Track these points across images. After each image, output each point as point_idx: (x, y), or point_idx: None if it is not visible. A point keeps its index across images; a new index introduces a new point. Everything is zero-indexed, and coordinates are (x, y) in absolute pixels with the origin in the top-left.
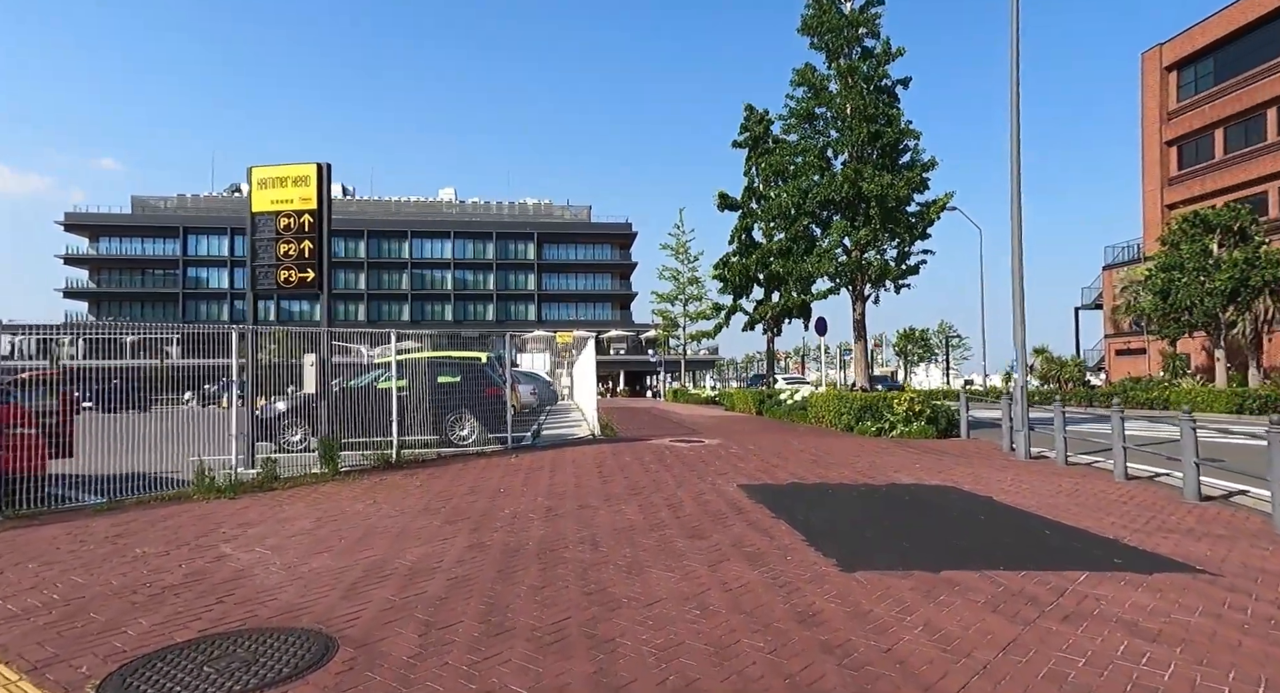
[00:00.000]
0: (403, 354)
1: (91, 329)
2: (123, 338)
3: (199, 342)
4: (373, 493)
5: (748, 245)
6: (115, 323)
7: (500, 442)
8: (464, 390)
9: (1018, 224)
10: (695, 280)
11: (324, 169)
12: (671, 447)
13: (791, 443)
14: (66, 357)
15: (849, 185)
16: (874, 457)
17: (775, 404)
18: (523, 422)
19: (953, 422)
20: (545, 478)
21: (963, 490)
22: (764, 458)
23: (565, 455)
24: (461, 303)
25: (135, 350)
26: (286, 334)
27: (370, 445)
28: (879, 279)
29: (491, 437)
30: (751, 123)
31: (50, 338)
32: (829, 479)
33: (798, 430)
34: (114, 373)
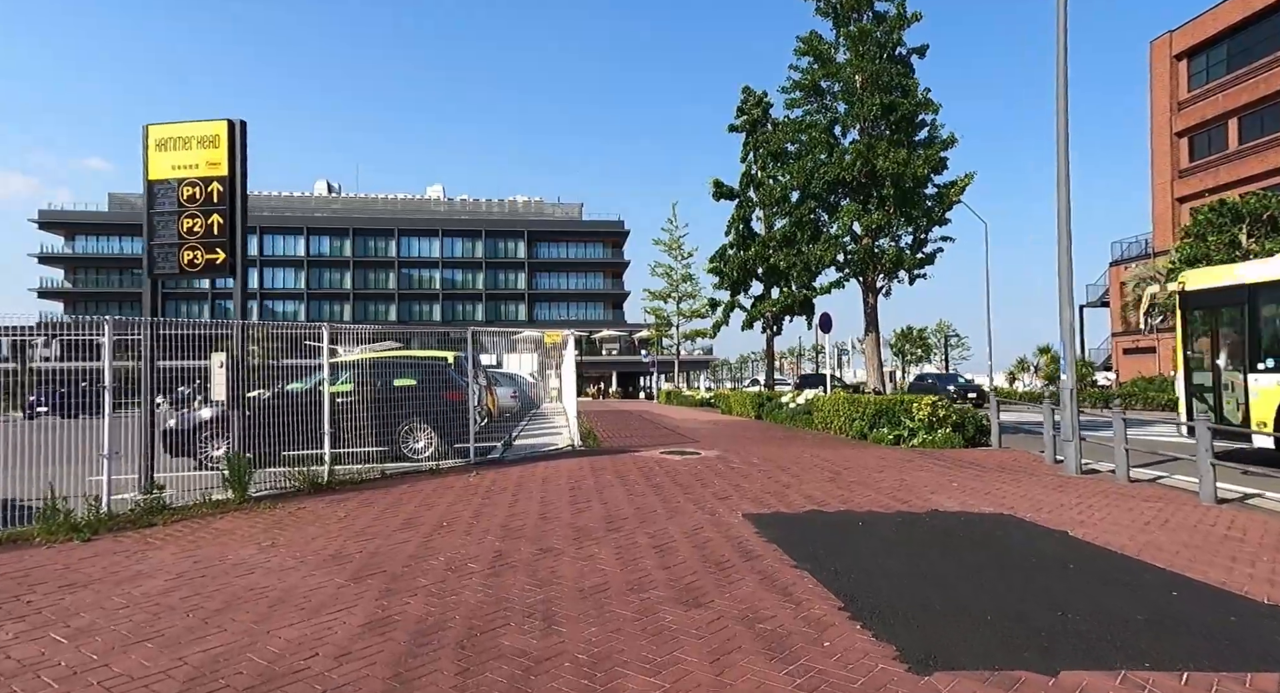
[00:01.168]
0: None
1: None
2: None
3: (170, 342)
4: (277, 530)
5: (746, 237)
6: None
7: (462, 455)
8: (420, 396)
9: (1065, 191)
10: (689, 277)
11: (237, 127)
12: (662, 460)
13: (800, 455)
14: (40, 358)
15: (860, 163)
16: (900, 472)
17: (776, 408)
18: (499, 429)
19: (981, 428)
20: (504, 505)
21: (1025, 522)
22: (771, 475)
23: (536, 472)
24: (450, 303)
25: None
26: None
27: (309, 461)
28: (893, 269)
29: (454, 448)
30: (749, 105)
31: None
32: (855, 505)
33: (804, 439)
34: (82, 375)
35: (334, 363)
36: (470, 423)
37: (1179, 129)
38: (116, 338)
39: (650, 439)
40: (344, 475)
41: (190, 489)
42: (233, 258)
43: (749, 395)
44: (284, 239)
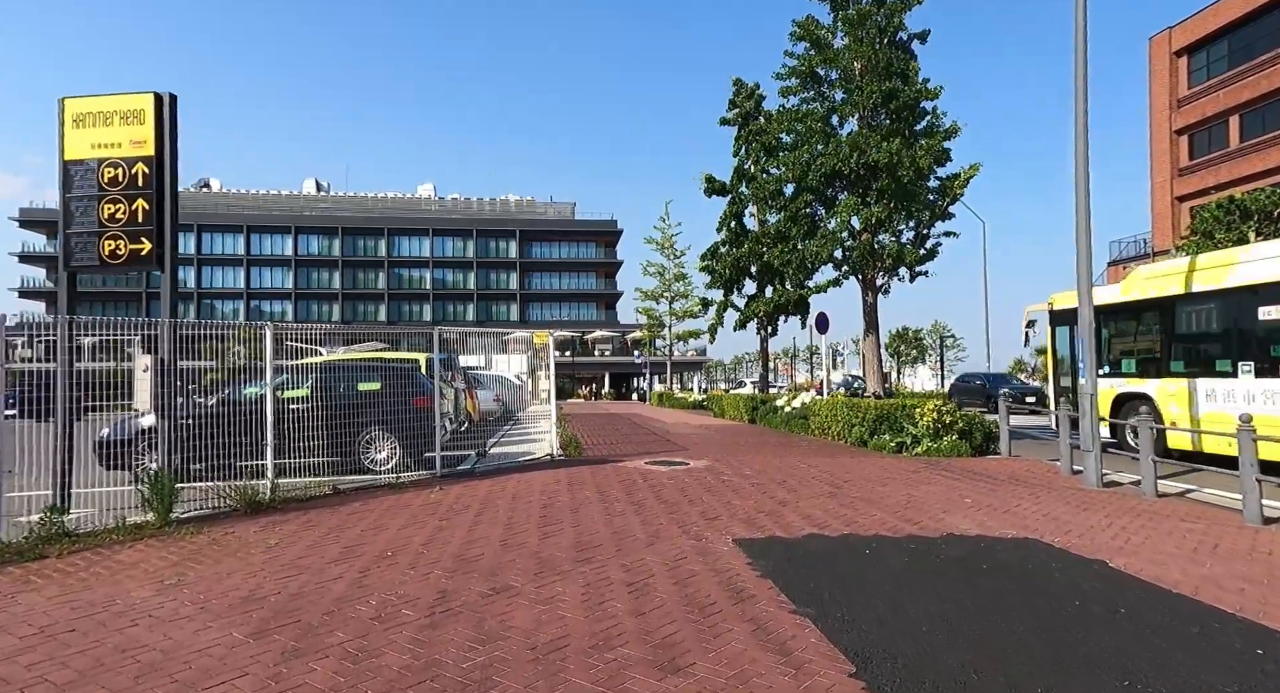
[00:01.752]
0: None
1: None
2: (80, 339)
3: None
4: (191, 563)
5: (738, 234)
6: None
7: (428, 467)
8: (384, 402)
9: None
10: (682, 277)
11: (165, 102)
12: (647, 472)
13: (797, 465)
14: (19, 359)
15: (857, 154)
16: (906, 485)
17: (771, 412)
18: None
19: (989, 436)
20: (464, 529)
21: (1054, 549)
22: (766, 489)
23: (506, 488)
24: (441, 303)
25: (94, 352)
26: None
27: (261, 474)
28: (894, 266)
29: (422, 459)
30: (741, 98)
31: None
32: (859, 526)
33: (800, 445)
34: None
35: (292, 366)
36: (436, 431)
37: (1179, 127)
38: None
39: (637, 447)
40: (289, 492)
41: (114, 508)
42: (160, 248)
43: (742, 399)
44: (272, 238)
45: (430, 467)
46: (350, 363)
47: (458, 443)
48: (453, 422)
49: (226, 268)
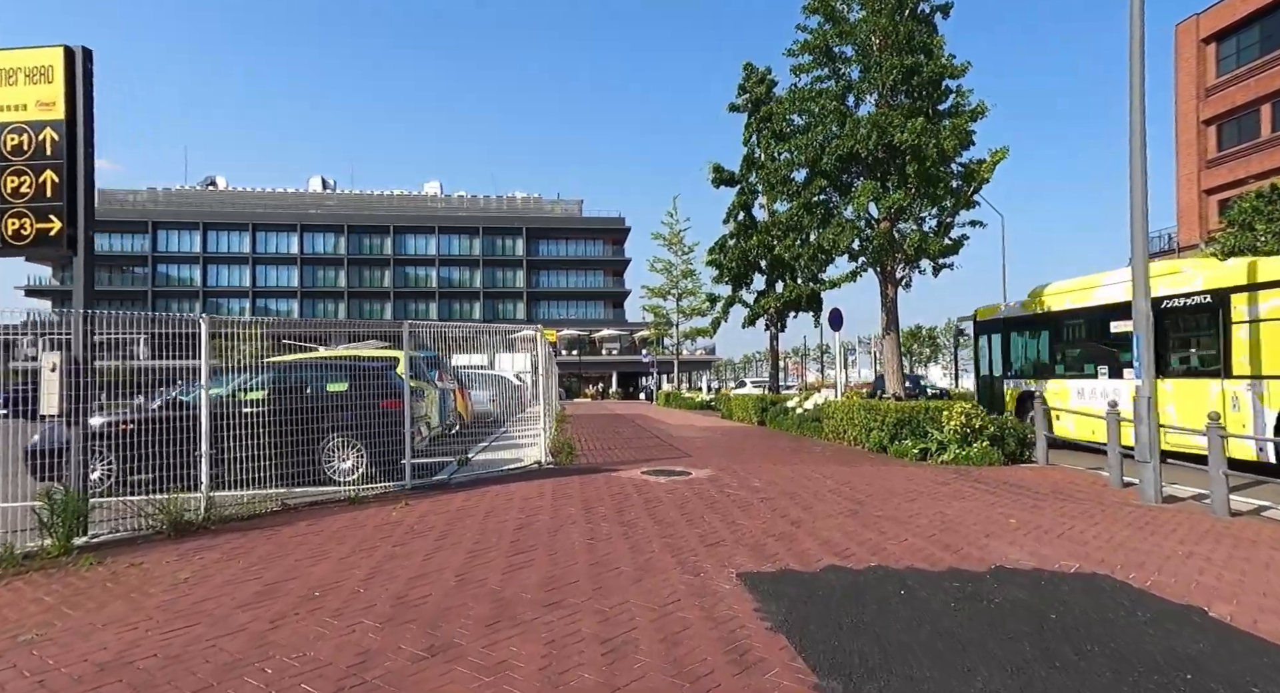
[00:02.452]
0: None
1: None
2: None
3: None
4: (65, 609)
5: (747, 225)
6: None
7: (398, 477)
8: (351, 404)
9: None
10: (690, 273)
11: (79, 57)
12: (643, 484)
13: (811, 474)
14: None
15: (878, 134)
16: (936, 500)
17: (781, 414)
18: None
19: (1023, 442)
20: (418, 558)
21: (1133, 589)
22: (776, 505)
23: (481, 503)
24: (447, 301)
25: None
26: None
27: (216, 485)
28: (915, 257)
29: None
30: (751, 83)
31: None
32: (889, 555)
33: (814, 451)
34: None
35: (253, 365)
36: (407, 437)
37: (1206, 116)
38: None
39: (635, 453)
40: (227, 509)
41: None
42: (72, 227)
43: (751, 400)
44: (277, 236)
45: (401, 478)
46: (313, 361)
47: (443, 448)
48: (431, 427)
49: (232, 266)
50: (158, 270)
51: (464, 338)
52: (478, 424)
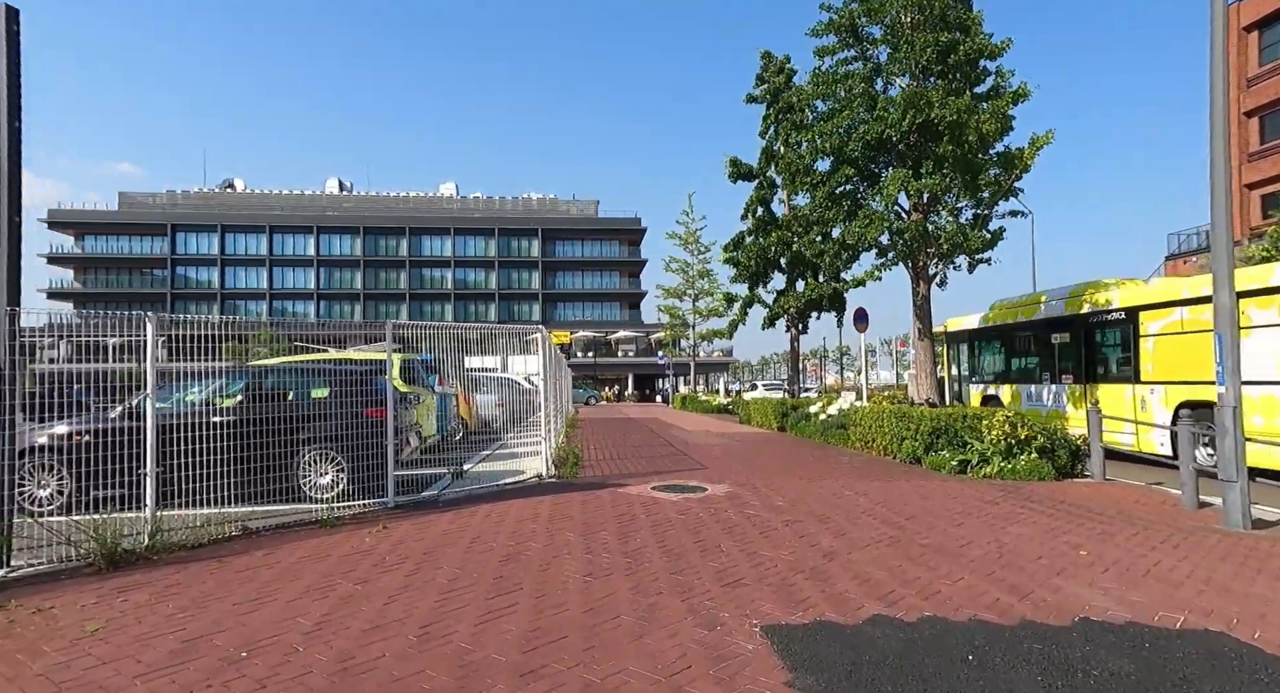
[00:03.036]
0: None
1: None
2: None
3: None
4: None
5: (766, 222)
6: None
7: (380, 494)
8: (331, 413)
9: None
10: (706, 273)
11: (1, 13)
12: (653, 503)
13: (842, 491)
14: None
15: (912, 115)
16: (989, 525)
17: (803, 419)
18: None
19: (1076, 453)
20: (378, 601)
21: (1266, 655)
22: (805, 529)
23: (469, 526)
24: (462, 302)
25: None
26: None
27: (188, 501)
28: (950, 251)
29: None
30: (769, 72)
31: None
32: (946, 602)
33: (840, 462)
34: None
35: (223, 369)
36: (389, 450)
37: (1248, 108)
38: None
39: (647, 463)
40: (180, 534)
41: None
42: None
43: (770, 404)
44: (294, 238)
45: (383, 495)
46: (292, 366)
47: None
48: (426, 436)
49: (250, 268)
50: (176, 273)
51: (460, 338)
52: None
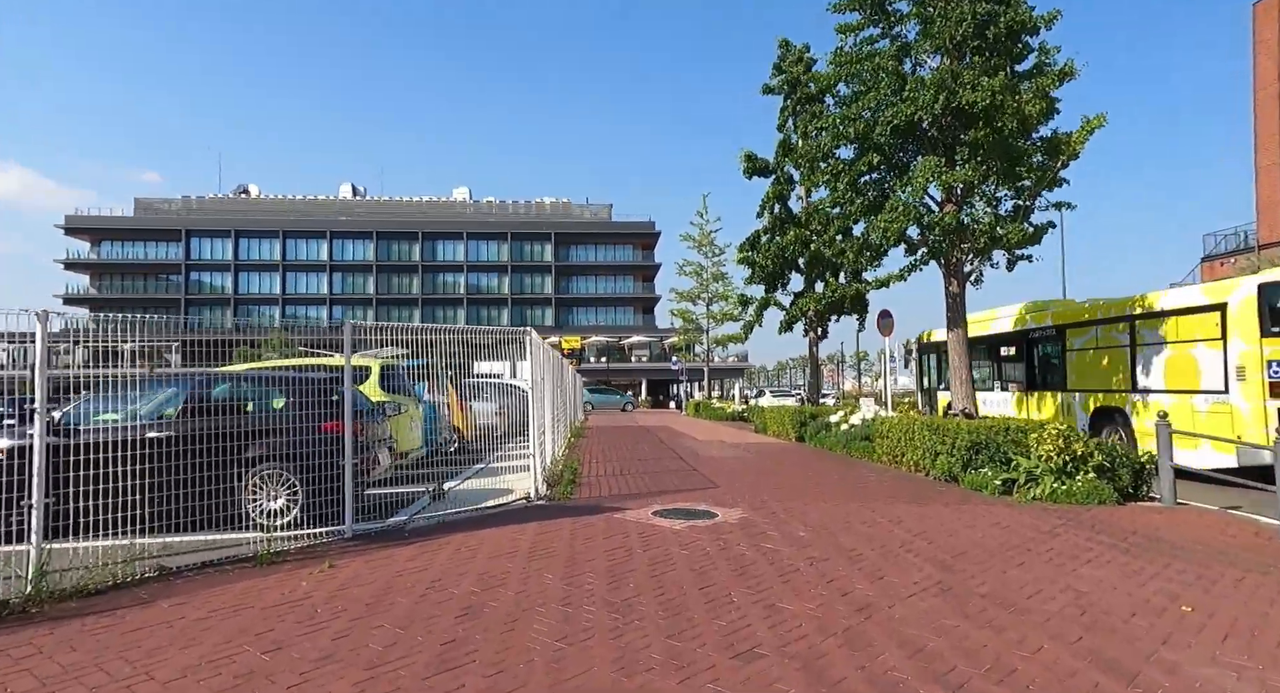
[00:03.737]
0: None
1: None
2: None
3: None
4: None
5: (783, 219)
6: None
7: (336, 521)
8: (282, 428)
9: None
10: (721, 276)
11: None
12: (653, 534)
13: (873, 517)
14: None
15: (945, 97)
16: (1055, 565)
17: (824, 430)
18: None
19: (1139, 473)
20: (281, 682)
21: None
22: (832, 571)
23: (431, 566)
24: (475, 307)
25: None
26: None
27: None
28: (988, 247)
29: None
30: (787, 62)
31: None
32: (1022, 688)
33: (867, 480)
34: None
35: (127, 380)
36: (347, 471)
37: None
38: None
39: (650, 481)
40: (77, 577)
41: None
42: None
43: (788, 412)
44: (307, 243)
45: (343, 522)
46: (240, 374)
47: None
48: (409, 450)
49: (263, 273)
50: (191, 278)
51: (426, 342)
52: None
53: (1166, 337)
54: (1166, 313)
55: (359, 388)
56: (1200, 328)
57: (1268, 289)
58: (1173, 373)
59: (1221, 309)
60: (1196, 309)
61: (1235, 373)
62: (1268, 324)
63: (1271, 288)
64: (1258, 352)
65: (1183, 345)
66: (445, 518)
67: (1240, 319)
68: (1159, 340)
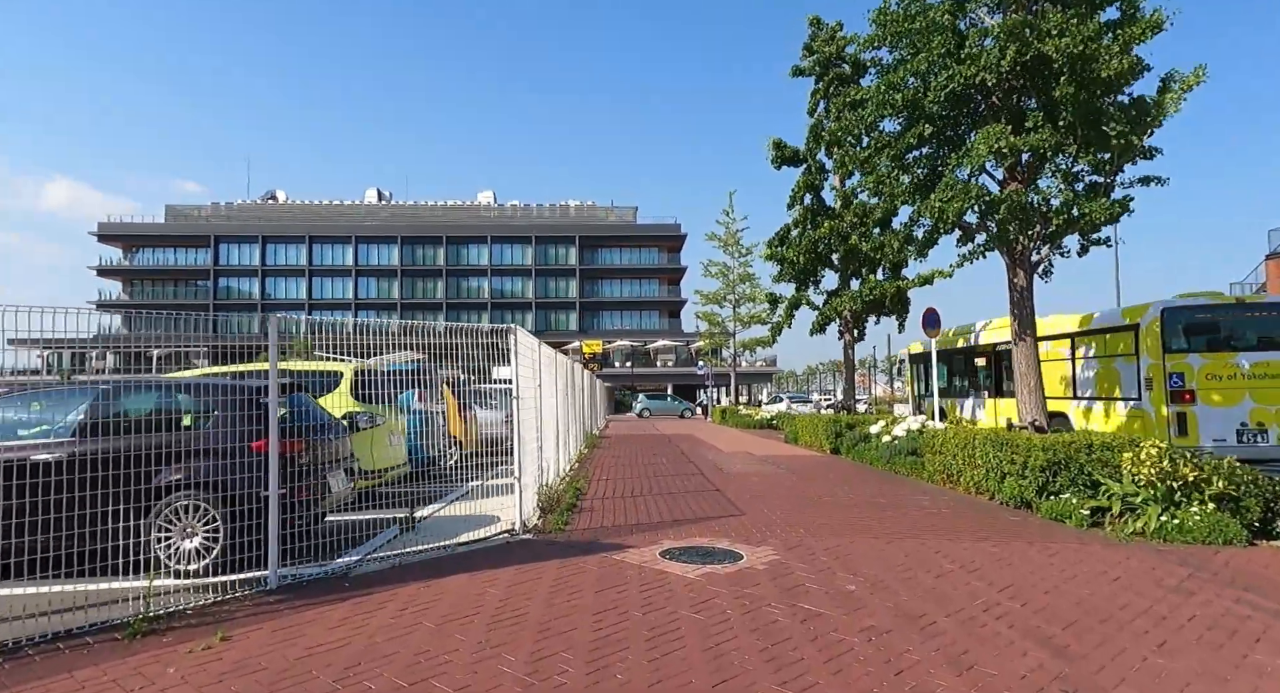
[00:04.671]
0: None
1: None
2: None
3: None
4: None
5: (815, 212)
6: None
7: (262, 565)
8: (202, 448)
9: None
10: (748, 277)
11: None
12: (660, 583)
13: (939, 561)
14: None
15: (1016, 49)
16: (1222, 658)
17: (862, 442)
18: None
19: (1271, 502)
20: None
21: None
22: (899, 653)
23: (353, 641)
24: (499, 312)
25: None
26: None
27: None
28: (1063, 229)
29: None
30: (819, 42)
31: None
32: None
33: (921, 505)
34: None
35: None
36: (272, 502)
37: None
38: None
39: (665, 505)
40: None
41: None
42: None
43: (822, 421)
44: (332, 248)
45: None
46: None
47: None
48: (356, 474)
49: (289, 279)
50: (219, 284)
51: (351, 347)
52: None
53: (1097, 352)
54: (1095, 332)
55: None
56: (1121, 345)
57: (1168, 313)
58: (1101, 382)
59: (1135, 330)
60: (1118, 329)
61: (1145, 383)
62: (1169, 343)
63: (1172, 312)
64: (1161, 365)
65: (1109, 359)
66: (404, 559)
67: (1148, 338)
68: (1092, 354)
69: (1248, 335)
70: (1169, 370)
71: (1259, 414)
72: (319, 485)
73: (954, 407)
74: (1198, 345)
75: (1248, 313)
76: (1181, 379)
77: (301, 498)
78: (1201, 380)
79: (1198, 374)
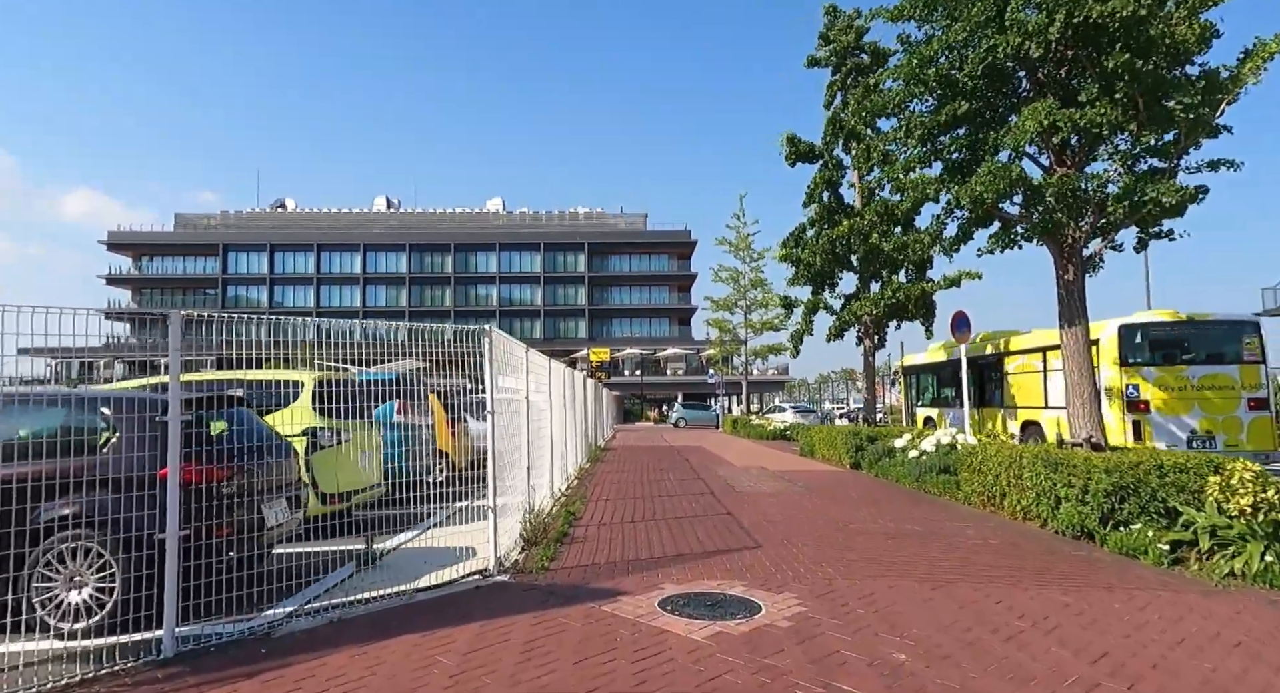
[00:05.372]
0: None
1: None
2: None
3: None
4: None
5: (833, 210)
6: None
7: (159, 624)
8: (98, 477)
9: None
10: (760, 283)
11: None
12: (656, 649)
13: (1009, 620)
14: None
15: (1064, 13)
16: None
17: (886, 457)
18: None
19: None
20: None
21: None
22: None
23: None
24: (508, 320)
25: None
26: None
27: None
28: (1122, 219)
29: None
30: (836, 30)
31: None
32: None
33: (966, 537)
34: None
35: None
36: (171, 544)
37: None
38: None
39: (669, 535)
40: None
41: None
42: None
43: (841, 433)
44: (341, 256)
45: (194, 619)
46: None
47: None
48: (305, 503)
49: (298, 287)
50: (227, 292)
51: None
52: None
53: (1064, 364)
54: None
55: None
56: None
57: (1124, 330)
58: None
59: (1096, 344)
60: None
61: (1105, 393)
62: (1125, 356)
63: (1127, 329)
64: (1119, 377)
65: None
66: (345, 612)
67: (1107, 352)
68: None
69: (1196, 350)
70: (1125, 382)
71: (1207, 423)
72: (249, 520)
73: (942, 416)
74: (1152, 359)
75: (1195, 330)
76: (1137, 390)
77: (221, 537)
78: (1155, 391)
79: (1152, 385)
